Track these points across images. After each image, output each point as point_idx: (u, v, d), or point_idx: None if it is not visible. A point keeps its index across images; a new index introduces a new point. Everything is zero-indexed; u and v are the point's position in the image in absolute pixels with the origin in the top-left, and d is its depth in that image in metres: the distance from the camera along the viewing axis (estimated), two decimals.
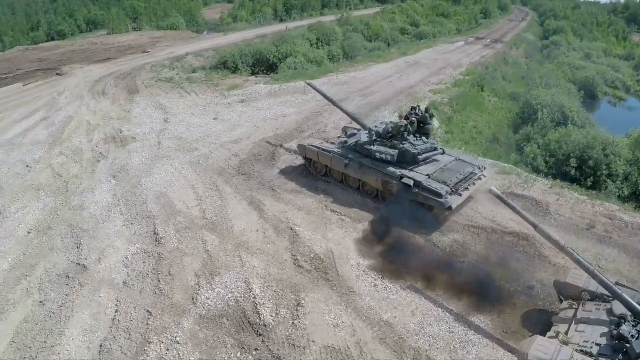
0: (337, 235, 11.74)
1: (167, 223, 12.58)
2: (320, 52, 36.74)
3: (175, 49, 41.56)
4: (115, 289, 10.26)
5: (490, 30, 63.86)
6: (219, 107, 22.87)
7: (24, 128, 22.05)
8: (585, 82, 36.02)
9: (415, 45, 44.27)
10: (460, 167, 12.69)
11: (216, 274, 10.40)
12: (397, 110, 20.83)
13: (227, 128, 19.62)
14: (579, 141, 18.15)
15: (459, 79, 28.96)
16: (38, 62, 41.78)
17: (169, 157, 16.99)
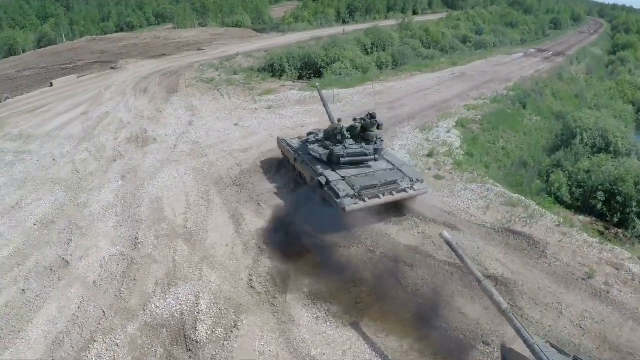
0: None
1: (150, 228, 12.84)
2: (368, 58, 36.21)
3: (229, 48, 42.50)
4: (85, 286, 10.74)
5: (556, 42, 60.51)
6: (244, 112, 23.07)
7: (64, 121, 23.39)
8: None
9: (469, 56, 42.63)
10: (385, 175, 12.73)
11: (173, 284, 10.56)
12: (419, 127, 20.13)
13: (243, 135, 19.72)
14: (610, 172, 16.74)
15: (501, 94, 27.53)
16: (99, 54, 44.17)
17: (178, 161, 17.30)
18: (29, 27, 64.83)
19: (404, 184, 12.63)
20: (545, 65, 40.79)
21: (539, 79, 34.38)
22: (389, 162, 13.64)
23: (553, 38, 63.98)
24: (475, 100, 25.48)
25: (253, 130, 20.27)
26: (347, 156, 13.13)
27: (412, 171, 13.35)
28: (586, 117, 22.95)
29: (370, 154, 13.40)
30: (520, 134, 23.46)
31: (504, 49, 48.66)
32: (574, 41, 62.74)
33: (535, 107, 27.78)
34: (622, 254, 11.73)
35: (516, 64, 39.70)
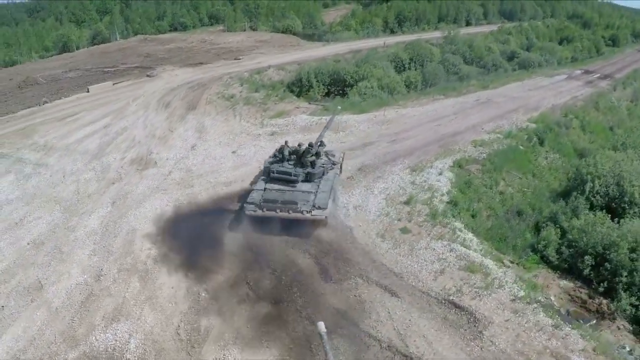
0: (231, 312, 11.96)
1: (117, 261, 13.76)
2: (397, 77, 35.78)
3: (266, 59, 43.20)
4: (49, 311, 11.88)
5: (608, 61, 57.07)
6: (247, 138, 23.60)
7: (86, 133, 24.87)
8: None
9: (505, 77, 41.07)
10: (294, 196, 14.67)
11: (116, 320, 11.46)
12: (411, 167, 19.92)
13: (234, 165, 20.28)
14: (603, 234, 15.76)
15: (519, 127, 26.54)
16: (143, 57, 46.19)
17: (166, 190, 18.13)
18: (88, 21, 68.66)
19: (304, 207, 14.19)
20: (586, 91, 38.75)
21: (572, 107, 32.76)
22: (318, 187, 15.21)
23: (607, 57, 60.27)
24: (488, 135, 24.72)
25: (246, 160, 20.75)
26: (276, 173, 15.44)
27: (322, 199, 14.55)
28: (603, 161, 21.55)
29: (295, 175, 15.25)
30: (527, 176, 22.58)
31: (547, 70, 46.58)
32: (628, 61, 58.91)
33: (556, 142, 26.52)
34: (575, 344, 11.01)
35: (553, 89, 37.98)
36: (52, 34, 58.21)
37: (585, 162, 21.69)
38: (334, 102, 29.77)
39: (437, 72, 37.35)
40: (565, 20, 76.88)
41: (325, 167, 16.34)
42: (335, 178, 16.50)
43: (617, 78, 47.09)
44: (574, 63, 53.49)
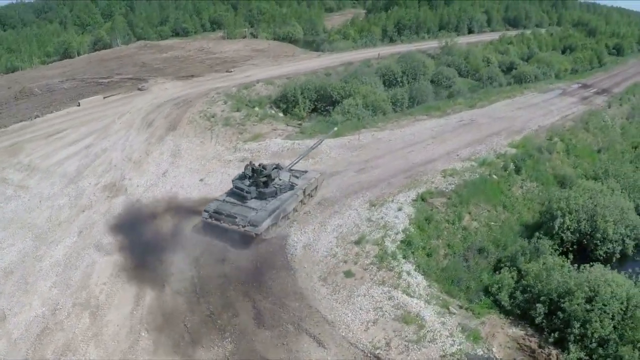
0: None
1: (73, 295, 14.23)
2: (383, 94, 35.60)
3: (257, 71, 43.19)
4: (8, 342, 12.55)
5: (609, 73, 56.10)
6: (218, 164, 23.78)
7: (68, 154, 25.18)
8: None
9: (496, 93, 40.52)
10: (237, 210, 16.64)
11: (64, 355, 12.00)
12: (372, 201, 19.97)
13: (199, 196, 20.41)
14: (559, 282, 15.39)
15: (498, 153, 26.29)
16: (139, 68, 46.70)
17: None
18: (93, 25, 69.47)
19: (241, 222, 16.21)
20: (578, 109, 38.22)
21: (560, 129, 32.35)
22: (265, 205, 16.98)
23: (608, 68, 59.20)
24: (462, 163, 24.56)
25: (212, 189, 20.86)
26: (234, 187, 17.61)
27: (259, 217, 16.34)
28: (578, 193, 21.38)
29: (248, 192, 17.24)
30: (497, 208, 22.39)
31: (543, 84, 46.02)
32: (630, 72, 57.75)
33: (535, 170, 26.19)
34: None
35: (543, 107, 37.53)
36: (53, 40, 58.99)
37: (556, 196, 21.48)
38: (311, 125, 29.77)
39: (425, 90, 36.99)
40: (569, 28, 75.74)
41: (280, 188, 17.69)
42: (290, 199, 17.81)
43: (615, 93, 46.35)
44: (573, 75, 52.75)
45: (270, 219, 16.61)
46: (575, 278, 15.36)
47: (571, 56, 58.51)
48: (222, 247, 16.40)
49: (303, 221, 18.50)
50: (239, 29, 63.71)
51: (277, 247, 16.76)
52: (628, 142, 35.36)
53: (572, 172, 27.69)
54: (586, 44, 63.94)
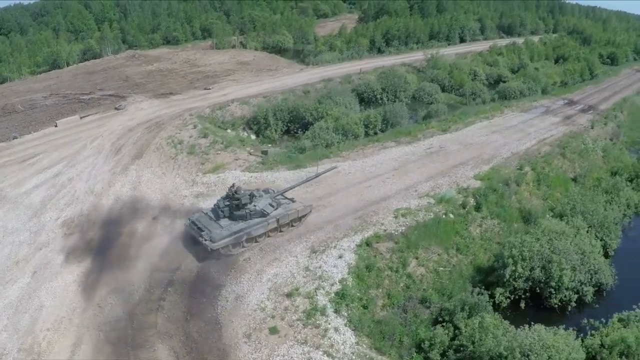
0: None
1: (19, 340, 14.51)
2: (355, 117, 35.24)
3: (236, 88, 43.17)
4: None
5: (599, 86, 55.05)
6: (173, 200, 23.64)
7: (37, 183, 25.27)
8: None
9: (472, 115, 39.76)
10: (210, 226, 18.70)
11: None
12: (314, 246, 19.80)
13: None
14: (491, 345, 15.01)
15: (460, 188, 25.86)
16: (121, 82, 46.85)
17: (80, 263, 18.43)
18: (86, 30, 69.67)
19: (205, 235, 18.25)
20: (559, 131, 37.50)
21: (534, 155, 31.79)
22: (231, 226, 18.78)
23: (599, 80, 58.04)
24: (419, 200, 24.25)
25: (160, 230, 20.85)
26: (214, 205, 19.80)
27: (217, 235, 18.15)
28: (532, 240, 20.57)
29: (221, 210, 19.27)
30: (450, 251, 21.83)
31: (528, 100, 45.33)
32: (623, 84, 56.76)
33: (499, 205, 25.45)
34: None
35: (520, 130, 36.84)
36: (43, 50, 59.29)
37: (509, 243, 20.78)
38: (274, 154, 29.54)
39: (399, 111, 36.43)
40: (564, 36, 74.49)
41: (250, 213, 19.32)
42: (258, 225, 19.31)
43: (601, 110, 45.53)
44: (562, 89, 51.94)
45: (229, 239, 18.45)
46: (508, 342, 15.00)
47: (563, 67, 57.57)
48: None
49: (240, 269, 18.35)
50: (229, 36, 63.43)
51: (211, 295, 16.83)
52: (608, 167, 34.45)
53: (540, 205, 27.15)
54: (579, 53, 62.82)
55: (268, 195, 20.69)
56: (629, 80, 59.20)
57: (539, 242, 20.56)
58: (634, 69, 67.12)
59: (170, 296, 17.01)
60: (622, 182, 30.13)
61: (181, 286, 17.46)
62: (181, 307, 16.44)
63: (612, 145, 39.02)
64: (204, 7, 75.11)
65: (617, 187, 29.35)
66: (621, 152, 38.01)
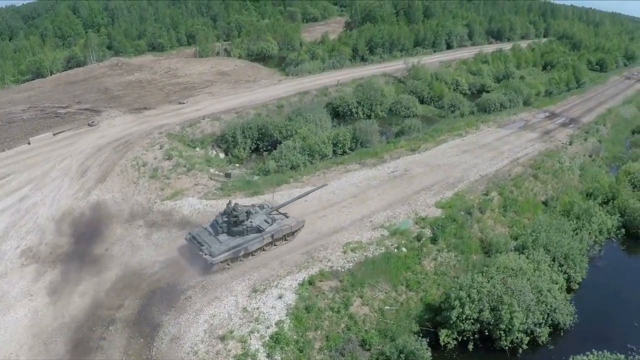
0: None
1: None
2: (323, 136, 34.78)
3: (210, 103, 42.74)
4: None
5: (584, 96, 54.07)
6: (128, 229, 23.50)
7: (4, 207, 25.07)
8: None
9: (446, 131, 39.22)
10: (210, 241, 19.99)
11: None
12: (255, 285, 19.61)
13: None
14: None
15: (418, 217, 25.41)
16: (100, 94, 46.75)
17: (32, 297, 18.41)
18: (74, 36, 69.50)
19: (205, 249, 19.57)
20: (535, 148, 36.81)
21: (504, 178, 31.24)
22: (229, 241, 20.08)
23: (585, 89, 57.23)
24: (372, 232, 23.91)
25: (111, 264, 20.64)
26: (213, 221, 20.97)
27: (216, 250, 19.52)
28: (482, 281, 20.12)
29: (220, 226, 20.50)
30: (399, 288, 21.43)
31: (505, 115, 44.72)
32: (609, 93, 55.82)
33: (458, 237, 24.91)
34: None
35: (495, 147, 36.25)
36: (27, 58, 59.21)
37: (457, 284, 20.35)
38: (234, 176, 29.37)
39: (369, 129, 35.86)
40: (554, 41, 73.49)
41: (247, 229, 20.61)
42: (255, 240, 20.63)
43: (583, 124, 44.92)
44: (545, 100, 51.28)
45: (228, 253, 19.85)
46: None
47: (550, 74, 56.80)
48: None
49: (181, 308, 18.20)
50: (213, 43, 62.99)
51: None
52: (584, 187, 33.76)
53: (505, 233, 26.59)
54: (567, 60, 61.97)
55: (263, 212, 21.81)
56: (616, 89, 58.29)
57: (491, 282, 20.25)
58: (622, 76, 66.19)
59: (110, 335, 17.03)
60: (594, 207, 29.46)
61: (122, 325, 17.45)
62: (119, 348, 16.46)
63: (591, 163, 38.41)
64: (191, 12, 74.63)
65: (589, 212, 28.71)
66: (600, 170, 37.37)
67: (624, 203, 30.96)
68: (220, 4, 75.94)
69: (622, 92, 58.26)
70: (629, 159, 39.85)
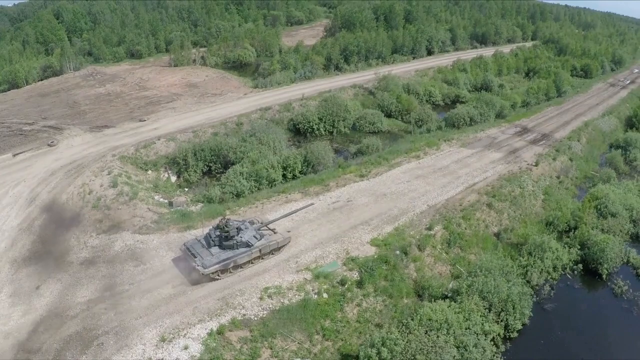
0: None
1: None
2: (273, 160, 34.05)
3: (170, 120, 42.31)
4: None
5: (562, 107, 52.18)
6: (61, 268, 23.09)
7: None
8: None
9: (402, 152, 37.86)
10: (201, 253, 22.15)
11: None
12: (164, 334, 19.34)
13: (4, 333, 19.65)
14: None
15: (349, 257, 24.52)
16: (67, 109, 46.64)
17: None
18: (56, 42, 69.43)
19: (198, 261, 21.67)
20: (496, 171, 35.31)
21: (453, 208, 30.16)
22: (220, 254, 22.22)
23: (564, 99, 55.37)
24: (295, 275, 23.24)
25: (24, 322, 19.95)
26: (207, 234, 23.00)
27: (207, 262, 21.63)
28: (400, 335, 19.43)
29: (212, 239, 22.64)
30: (314, 337, 20.69)
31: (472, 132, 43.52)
32: (589, 103, 53.71)
33: (389, 279, 23.86)
34: None
35: (451, 172, 34.89)
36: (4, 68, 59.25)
37: (370, 341, 19.60)
38: (177, 204, 29.03)
39: (321, 151, 34.91)
40: (539, 46, 71.58)
41: (237, 244, 22.62)
42: (244, 254, 22.68)
43: (556, 139, 43.48)
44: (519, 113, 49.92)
45: (218, 265, 21.90)
46: None
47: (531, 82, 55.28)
48: None
49: (93, 354, 18.00)
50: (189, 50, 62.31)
51: None
52: (545, 215, 32.14)
53: (444, 273, 25.39)
54: (550, 66, 60.30)
55: (253, 227, 23.96)
56: (597, 98, 56.50)
57: (407, 338, 19.64)
58: (607, 83, 64.23)
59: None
60: (549, 241, 27.74)
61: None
62: None
63: (558, 185, 37.00)
64: (171, 17, 74.00)
65: (542, 248, 27.28)
66: (567, 193, 36.27)
67: (584, 234, 29.40)
68: (201, 8, 75.10)
69: (604, 101, 56.44)
70: (599, 179, 38.29)
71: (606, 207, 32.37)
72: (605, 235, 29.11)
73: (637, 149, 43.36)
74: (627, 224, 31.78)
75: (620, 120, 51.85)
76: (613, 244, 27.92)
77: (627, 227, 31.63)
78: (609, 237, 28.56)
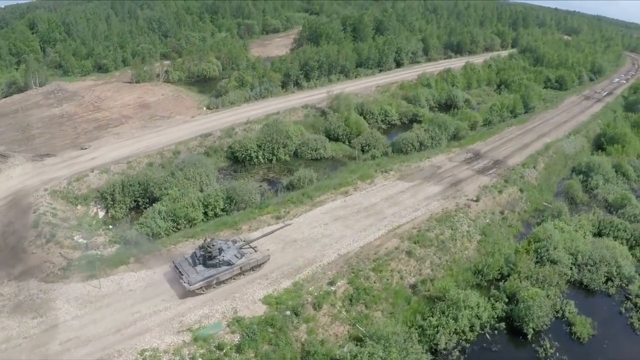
0: None
1: None
2: (194, 197, 33.52)
3: (113, 147, 41.92)
4: None
5: (526, 126, 49.51)
6: None
7: None
8: None
9: (330, 187, 36.39)
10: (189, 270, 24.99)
11: None
12: None
13: None
14: None
15: (234, 318, 23.43)
16: (19, 133, 46.73)
17: None
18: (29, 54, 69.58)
19: (185, 278, 24.40)
20: (429, 209, 33.55)
21: (369, 256, 28.51)
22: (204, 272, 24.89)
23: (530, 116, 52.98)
24: (176, 336, 22.11)
25: None
26: (193, 253, 25.87)
27: (193, 279, 24.33)
28: None
29: (197, 258, 25.43)
30: None
31: (416, 160, 41.96)
32: (556, 121, 50.96)
33: (274, 344, 22.70)
34: None
35: (377, 212, 33.25)
36: None
37: None
38: (91, 247, 28.67)
39: (244, 188, 34.09)
40: (515, 55, 68.93)
41: (219, 262, 25.23)
42: (226, 272, 25.27)
43: (509, 166, 41.44)
44: (474, 135, 48.15)
45: (202, 282, 24.55)
46: None
47: (487, 105, 53.14)
48: None
49: None
50: (153, 64, 61.58)
51: None
52: (477, 260, 30.05)
53: (342, 334, 24.15)
54: (523, 79, 58.00)
55: (235, 246, 26.52)
56: (567, 115, 53.96)
57: None
58: (582, 95, 61.52)
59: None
60: (468, 297, 25.84)
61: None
62: None
63: (501, 222, 34.67)
64: (141, 29, 73.42)
65: (458, 306, 25.42)
66: (508, 232, 33.96)
67: (514, 286, 27.47)
68: (173, 19, 74.37)
69: (573, 117, 53.94)
70: (549, 214, 36.04)
71: (547, 251, 30.45)
72: (533, 289, 26.99)
73: (599, 175, 40.85)
74: (568, 271, 29.87)
75: (588, 139, 49.50)
76: (541, 301, 25.83)
77: (568, 274, 29.73)
78: (537, 292, 26.53)
